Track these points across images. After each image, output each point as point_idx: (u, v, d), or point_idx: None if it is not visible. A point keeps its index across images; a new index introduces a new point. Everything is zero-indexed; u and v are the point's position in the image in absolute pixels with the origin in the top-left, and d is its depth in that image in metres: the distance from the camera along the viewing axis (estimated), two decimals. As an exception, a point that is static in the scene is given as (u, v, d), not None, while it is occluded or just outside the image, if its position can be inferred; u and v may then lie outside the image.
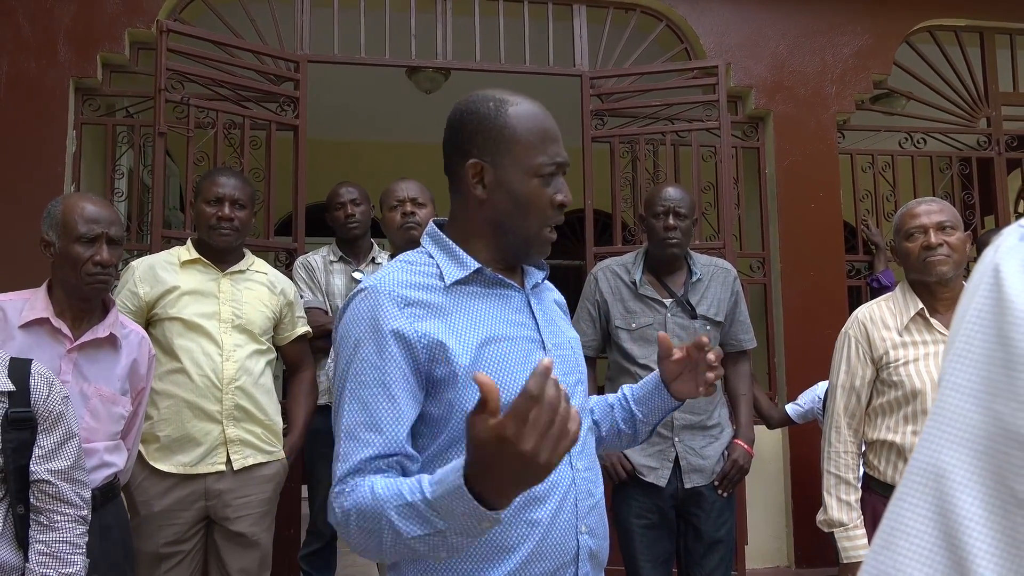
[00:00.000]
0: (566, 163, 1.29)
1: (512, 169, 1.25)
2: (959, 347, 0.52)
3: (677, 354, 1.43)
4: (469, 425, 0.93)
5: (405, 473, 1.15)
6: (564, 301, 1.49)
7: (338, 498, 1.12)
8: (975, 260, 3.63)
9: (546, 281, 1.43)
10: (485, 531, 1.00)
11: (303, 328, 2.84)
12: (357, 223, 3.42)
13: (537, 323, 1.29)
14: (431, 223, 1.33)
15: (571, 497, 1.23)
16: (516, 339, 1.25)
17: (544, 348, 1.28)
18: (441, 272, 1.24)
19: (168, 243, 3.20)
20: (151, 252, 3.04)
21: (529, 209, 1.25)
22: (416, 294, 1.20)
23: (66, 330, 2.08)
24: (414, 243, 1.36)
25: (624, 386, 1.57)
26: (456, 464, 0.98)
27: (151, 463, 2.47)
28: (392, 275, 1.22)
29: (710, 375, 1.42)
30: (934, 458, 0.51)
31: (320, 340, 3.04)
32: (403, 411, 1.16)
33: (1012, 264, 0.51)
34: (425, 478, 1.03)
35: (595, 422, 1.52)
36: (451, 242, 1.28)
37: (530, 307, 1.30)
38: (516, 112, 1.26)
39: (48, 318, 2.06)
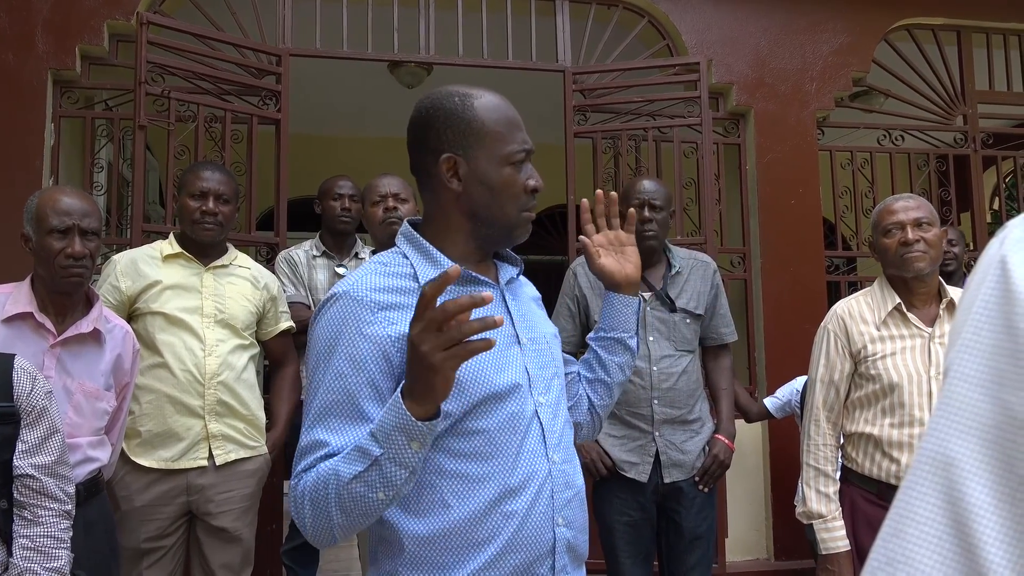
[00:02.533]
0: (532, 149, 1.32)
1: (484, 160, 1.27)
2: (966, 337, 0.52)
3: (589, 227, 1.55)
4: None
5: None
6: (539, 296, 1.51)
7: (295, 489, 1.17)
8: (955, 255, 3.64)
9: (522, 277, 1.45)
10: (415, 455, 1.10)
11: (287, 323, 2.83)
12: (351, 218, 3.42)
13: (512, 318, 1.31)
14: (405, 223, 1.34)
15: (547, 489, 1.24)
16: (492, 335, 1.26)
17: (519, 342, 1.29)
18: (415, 272, 1.26)
19: (148, 237, 3.17)
20: (131, 246, 3.02)
21: (505, 196, 1.29)
22: (390, 297, 1.21)
23: (49, 325, 2.07)
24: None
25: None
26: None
27: (133, 458, 2.46)
28: (365, 279, 1.23)
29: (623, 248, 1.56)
30: (943, 447, 0.51)
31: (303, 335, 3.02)
32: (365, 417, 1.16)
33: (1019, 256, 0.52)
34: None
35: (593, 378, 1.57)
36: (425, 242, 1.29)
37: (505, 302, 1.32)
38: (482, 104, 1.29)
39: (31, 312, 2.05)
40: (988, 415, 0.50)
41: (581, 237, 1.57)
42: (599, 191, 1.58)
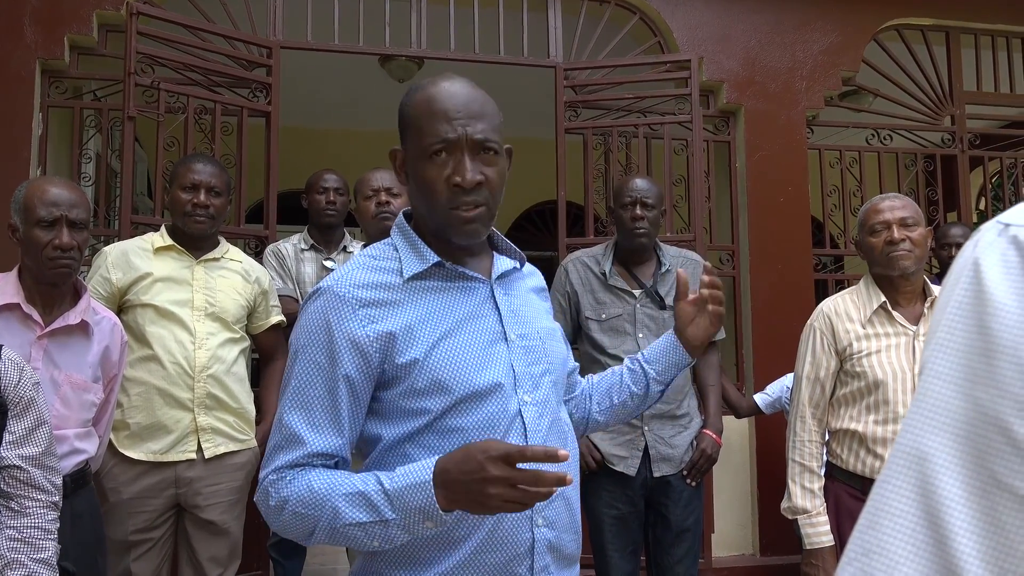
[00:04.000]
0: (460, 139, 1.19)
1: (412, 153, 1.24)
2: (941, 337, 0.54)
3: (691, 295, 1.50)
4: (471, 445, 1.08)
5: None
6: (544, 286, 1.48)
7: (275, 485, 1.17)
8: (935, 253, 3.70)
9: (528, 267, 1.41)
10: (424, 532, 1.11)
11: (277, 317, 2.83)
12: (336, 212, 3.41)
13: (500, 314, 1.27)
14: (400, 214, 1.33)
15: None
16: (475, 332, 1.24)
17: (506, 340, 1.26)
18: (401, 267, 1.24)
19: (136, 229, 3.16)
20: (119, 238, 3.00)
21: (428, 191, 1.21)
22: (373, 293, 1.20)
23: (36, 316, 2.06)
24: (388, 233, 1.37)
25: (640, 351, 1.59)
26: (423, 464, 1.11)
27: (121, 450, 2.46)
28: (351, 274, 1.22)
29: (711, 308, 1.49)
30: (917, 442, 0.53)
31: (291, 329, 3.02)
32: (343, 416, 1.18)
33: (991, 258, 0.54)
34: (381, 474, 1.13)
35: (605, 392, 1.52)
36: (415, 235, 1.27)
37: (493, 298, 1.28)
38: (418, 95, 1.23)
39: (18, 303, 2.04)
40: (960, 411, 0.51)
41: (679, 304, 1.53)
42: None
